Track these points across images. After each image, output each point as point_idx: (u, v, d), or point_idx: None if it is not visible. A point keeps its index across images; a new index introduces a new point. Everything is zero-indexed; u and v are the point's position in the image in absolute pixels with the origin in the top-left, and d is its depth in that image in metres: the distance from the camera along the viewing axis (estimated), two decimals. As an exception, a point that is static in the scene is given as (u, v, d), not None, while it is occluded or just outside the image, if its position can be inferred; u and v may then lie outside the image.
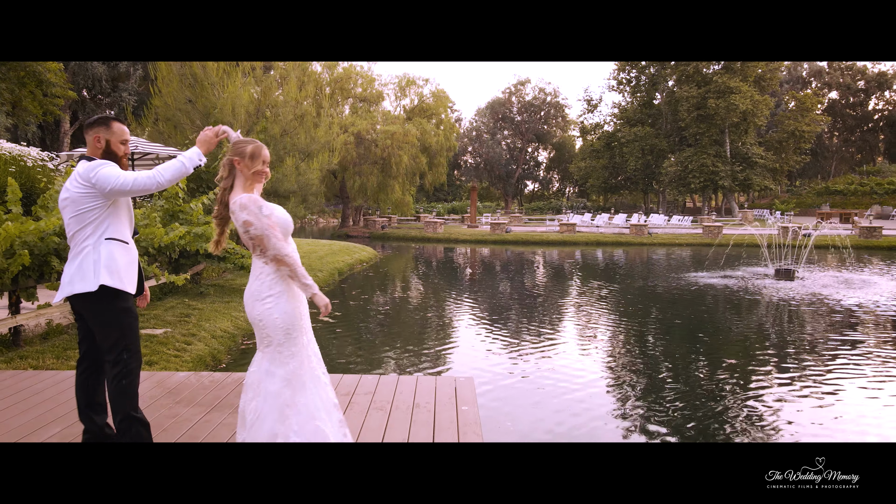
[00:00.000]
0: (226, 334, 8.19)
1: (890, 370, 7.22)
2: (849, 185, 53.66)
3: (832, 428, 5.51)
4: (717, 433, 5.43)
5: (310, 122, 16.76)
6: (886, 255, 22.44)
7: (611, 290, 14.24)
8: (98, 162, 3.26)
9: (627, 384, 6.91)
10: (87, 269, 3.22)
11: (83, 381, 3.48)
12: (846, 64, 71.20)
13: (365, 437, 3.79)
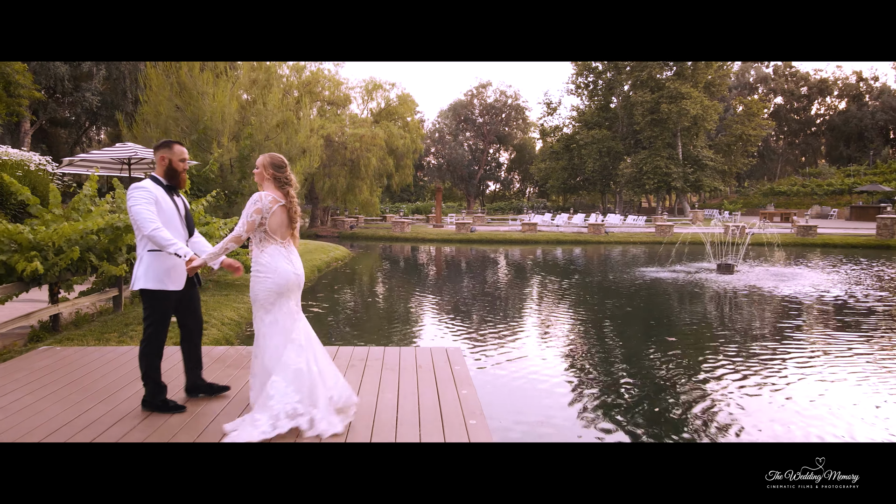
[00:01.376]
0: (232, 322, 9.20)
1: (818, 349, 8.67)
2: (792, 187, 56.66)
3: (769, 402, 6.85)
4: (664, 406, 6.71)
5: (291, 129, 17.73)
6: (819, 251, 24.46)
7: (570, 284, 15.61)
8: (135, 185, 4.28)
9: (585, 368, 8.19)
10: (140, 270, 4.25)
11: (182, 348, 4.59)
12: (790, 70, 74.82)
13: (383, 390, 4.91)
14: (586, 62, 59.65)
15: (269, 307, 4.08)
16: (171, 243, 4.06)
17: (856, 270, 17.45)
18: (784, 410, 5.98)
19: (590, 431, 5.55)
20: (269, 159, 4.23)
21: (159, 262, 4.19)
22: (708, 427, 5.60)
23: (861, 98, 72.59)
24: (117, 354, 5.93)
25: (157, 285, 4.19)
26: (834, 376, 7.06)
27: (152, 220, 4.09)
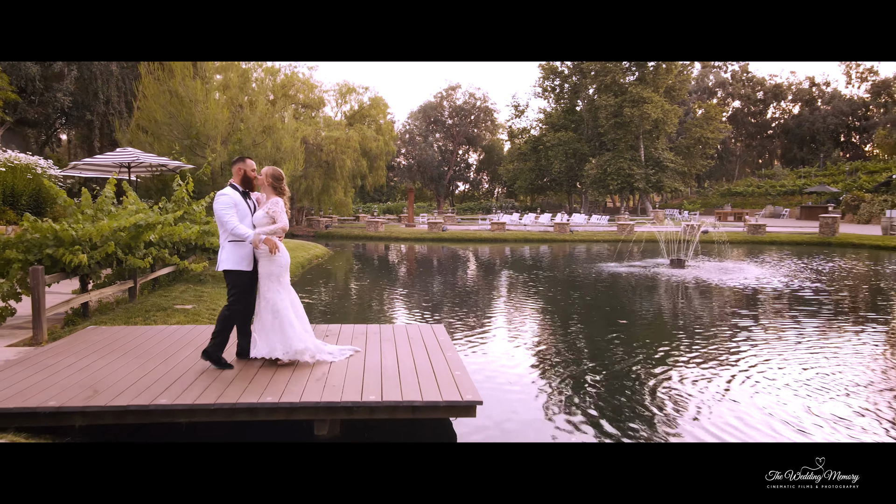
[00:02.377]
0: (236, 310, 10.31)
1: (753, 331, 10.14)
2: (748, 188, 59.28)
3: (711, 378, 8.23)
4: (619, 386, 8.05)
5: (277, 134, 18.77)
6: (766, 248, 26.34)
7: (536, 278, 17.00)
8: (219, 193, 5.51)
9: (549, 352, 9.52)
10: (222, 254, 5.46)
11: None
12: (747, 76, 77.80)
13: (385, 354, 6.13)
14: (552, 66, 61.44)
15: (278, 279, 5.51)
16: (247, 235, 5.30)
17: (794, 265, 19.20)
18: (719, 383, 7.37)
19: (557, 416, 6.84)
20: (271, 171, 5.60)
21: (237, 250, 5.40)
22: (652, 397, 6.93)
23: (814, 102, 75.91)
24: (158, 331, 7.04)
25: (235, 266, 5.39)
26: (763, 354, 8.51)
27: (231, 220, 5.29)
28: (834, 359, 7.91)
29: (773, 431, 5.50)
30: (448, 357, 5.97)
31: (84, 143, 53.45)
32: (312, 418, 4.76)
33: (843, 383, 6.83)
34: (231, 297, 5.50)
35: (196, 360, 5.70)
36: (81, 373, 5.30)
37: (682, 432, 5.52)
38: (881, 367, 7.57)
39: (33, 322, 7.04)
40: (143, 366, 5.56)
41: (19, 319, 8.12)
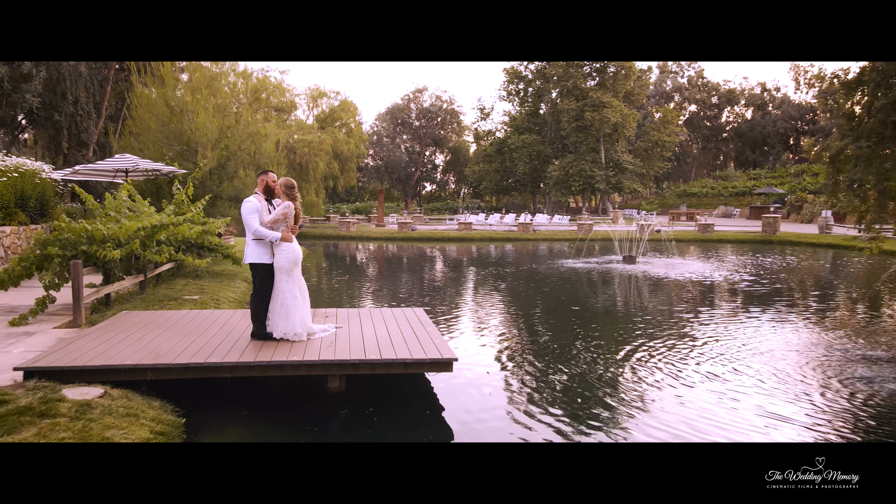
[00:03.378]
0: (234, 300, 11.60)
1: (688, 317, 11.83)
2: (703, 189, 62.05)
3: (660, 363, 9.85)
4: (578, 371, 9.62)
5: (260, 140, 19.98)
6: (712, 245, 28.45)
7: (501, 273, 18.58)
8: (248, 199, 6.85)
9: (512, 339, 11.07)
10: (248, 249, 6.81)
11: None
12: (703, 81, 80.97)
13: (377, 328, 7.55)
14: (516, 70, 63.38)
15: (287, 272, 6.75)
16: (268, 235, 6.63)
17: (733, 261, 21.19)
18: (653, 361, 8.99)
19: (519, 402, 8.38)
20: (284, 181, 6.95)
21: (259, 247, 6.75)
22: (599, 375, 8.52)
23: (765, 107, 79.41)
24: (183, 315, 8.36)
25: (258, 260, 6.74)
26: (691, 334, 10.19)
27: (254, 223, 6.64)
28: (746, 338, 9.64)
29: (680, 396, 7.12)
30: (428, 330, 7.45)
31: (51, 144, 53.35)
32: (327, 373, 6.19)
33: (755, 359, 8.53)
34: (255, 284, 6.86)
35: (226, 335, 7.06)
36: (137, 343, 6.63)
37: (613, 390, 7.10)
38: (797, 345, 9.32)
39: (73, 308, 8.28)
40: (185, 338, 6.90)
41: (53, 307, 9.32)
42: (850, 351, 8.57)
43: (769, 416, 5.98)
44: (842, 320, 11.07)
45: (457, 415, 6.09)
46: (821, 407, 6.26)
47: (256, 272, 6.81)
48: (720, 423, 5.84)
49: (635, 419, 5.97)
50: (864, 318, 11.26)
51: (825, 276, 17.72)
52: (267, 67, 37.18)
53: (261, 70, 36.08)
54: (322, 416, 5.98)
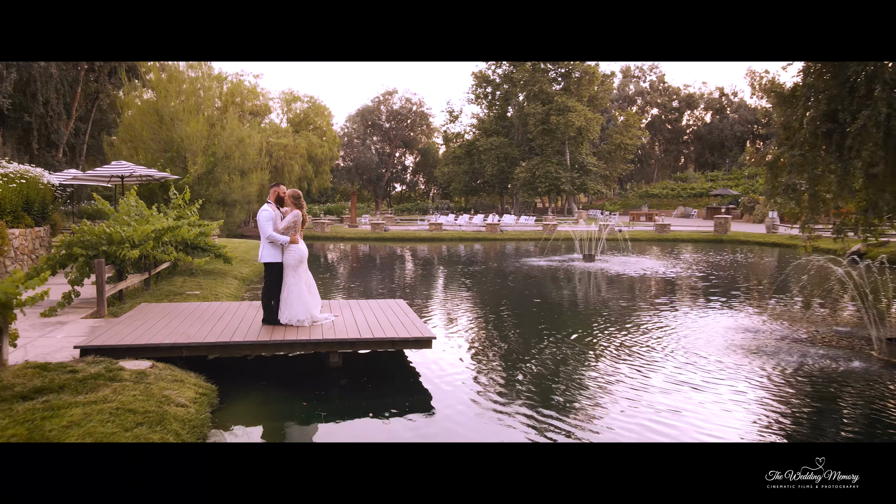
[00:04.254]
0: (230, 295, 12.85)
1: (637, 308, 13.43)
2: (663, 190, 64.56)
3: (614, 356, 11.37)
4: (536, 359, 11.10)
5: (245, 147, 21.08)
6: (668, 244, 30.39)
7: (470, 271, 20.06)
8: (263, 207, 8.19)
9: (480, 329, 12.54)
10: (262, 250, 8.14)
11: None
12: (664, 86, 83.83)
13: (366, 315, 8.92)
14: (484, 74, 65.03)
15: (293, 269, 8.08)
16: (280, 238, 7.95)
17: (683, 258, 23.03)
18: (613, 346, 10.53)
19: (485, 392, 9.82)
20: (291, 192, 8.27)
21: (272, 248, 8.08)
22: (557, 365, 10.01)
23: (723, 111, 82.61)
24: (195, 306, 9.62)
25: (271, 259, 8.07)
26: (638, 322, 11.78)
27: (268, 229, 7.96)
28: (677, 324, 11.27)
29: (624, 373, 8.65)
30: (409, 317, 8.87)
31: (21, 145, 53.32)
32: (329, 350, 7.56)
33: (693, 344, 10.14)
34: (267, 278, 8.18)
35: (240, 321, 8.36)
36: (166, 328, 7.90)
37: (564, 365, 8.60)
38: (734, 335, 10.96)
39: (97, 300, 9.49)
40: (206, 324, 8.19)
41: (75, 301, 10.47)
42: (769, 333, 10.23)
43: (678, 384, 7.54)
44: (767, 308, 12.80)
45: (432, 381, 7.51)
46: (739, 374, 7.85)
47: (269, 268, 8.13)
48: (640, 387, 7.37)
49: (576, 383, 7.47)
50: (786, 307, 13.01)
51: (761, 272, 19.60)
52: (241, 72, 38.13)
53: (235, 74, 36.88)
54: (325, 385, 7.35)
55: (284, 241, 7.98)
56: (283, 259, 8.05)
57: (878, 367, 8.17)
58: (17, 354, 6.93)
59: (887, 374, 7.79)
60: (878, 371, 7.96)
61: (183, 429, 5.34)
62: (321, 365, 7.88)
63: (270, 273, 8.14)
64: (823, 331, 10.38)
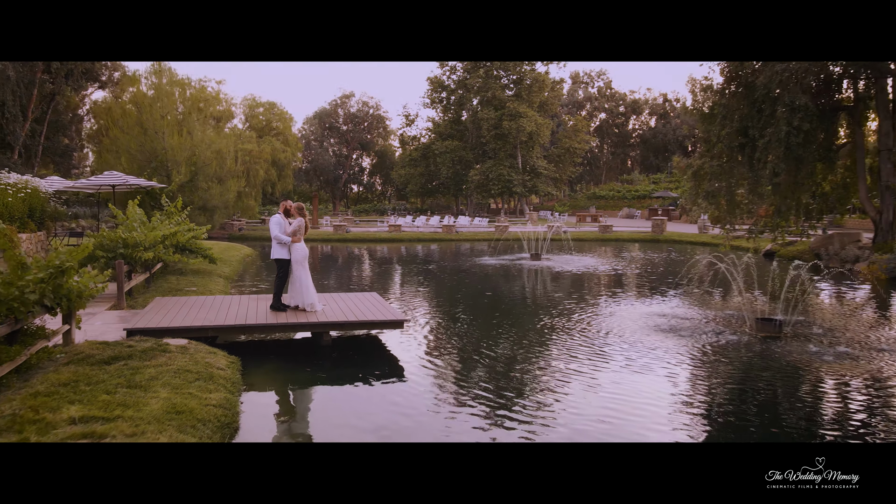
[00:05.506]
0: (221, 290, 14.66)
1: (577, 302, 15.75)
2: (610, 192, 68.00)
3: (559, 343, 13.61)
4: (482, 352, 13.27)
5: (223, 157, 22.69)
6: (610, 244, 33.15)
7: (428, 269, 22.20)
8: (275, 216, 10.19)
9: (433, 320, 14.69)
10: (273, 250, 10.14)
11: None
12: (611, 91, 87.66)
13: (347, 305, 10.95)
14: (439, 80, 67.20)
15: (301, 264, 10.10)
16: (284, 240, 9.93)
17: (620, 257, 25.68)
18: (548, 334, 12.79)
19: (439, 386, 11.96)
20: (298, 205, 10.33)
21: (281, 248, 10.04)
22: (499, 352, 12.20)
23: (667, 116, 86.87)
24: (204, 300, 11.48)
25: (280, 256, 10.03)
26: (569, 312, 14.10)
27: (275, 231, 9.93)
28: (601, 312, 13.66)
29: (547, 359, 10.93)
30: (384, 305, 10.96)
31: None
32: (323, 330, 9.59)
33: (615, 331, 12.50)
34: (278, 272, 10.14)
35: (248, 309, 10.30)
36: (189, 315, 9.79)
37: (506, 342, 10.81)
38: (653, 322, 13.37)
39: (118, 295, 11.28)
40: (220, 312, 10.10)
41: (91, 297, 12.15)
42: (677, 317, 12.67)
43: (604, 356, 9.83)
44: (678, 297, 15.32)
45: (402, 356, 9.61)
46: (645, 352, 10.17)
47: (279, 264, 10.12)
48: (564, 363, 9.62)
49: (521, 354, 9.69)
50: (693, 296, 15.56)
51: (681, 267, 22.33)
52: (205, 78, 39.26)
53: (198, 81, 38.12)
54: (320, 358, 9.37)
55: (287, 241, 9.98)
56: (292, 256, 10.01)
57: (748, 339, 10.63)
58: (76, 336, 8.75)
59: (754, 343, 10.25)
60: (748, 342, 10.42)
61: (227, 384, 7.31)
62: (315, 344, 9.90)
63: (280, 268, 10.12)
64: (715, 314, 12.89)
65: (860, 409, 7.18)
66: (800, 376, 8.49)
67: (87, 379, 6.58)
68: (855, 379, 8.33)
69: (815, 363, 9.03)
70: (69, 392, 6.10)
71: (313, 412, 7.30)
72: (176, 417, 5.74)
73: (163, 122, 20.63)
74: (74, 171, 54.17)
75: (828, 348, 9.88)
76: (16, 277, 6.48)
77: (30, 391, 6.06)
